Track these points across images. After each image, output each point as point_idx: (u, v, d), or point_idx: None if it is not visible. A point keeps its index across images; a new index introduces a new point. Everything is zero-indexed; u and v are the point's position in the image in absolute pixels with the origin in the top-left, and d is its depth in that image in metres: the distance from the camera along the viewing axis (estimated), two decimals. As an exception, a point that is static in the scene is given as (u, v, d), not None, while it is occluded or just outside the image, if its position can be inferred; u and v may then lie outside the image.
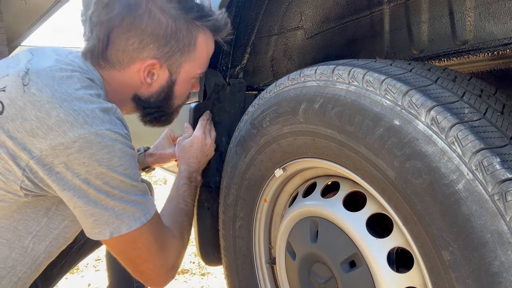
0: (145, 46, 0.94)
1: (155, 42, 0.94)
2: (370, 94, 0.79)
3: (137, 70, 0.97)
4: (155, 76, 1.00)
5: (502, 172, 0.61)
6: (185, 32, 0.98)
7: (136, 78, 0.99)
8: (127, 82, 0.99)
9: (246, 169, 1.16)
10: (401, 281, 0.80)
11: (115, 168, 0.83)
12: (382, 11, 1.16)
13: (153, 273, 0.95)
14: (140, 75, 0.98)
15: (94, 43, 0.94)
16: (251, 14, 1.32)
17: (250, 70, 1.46)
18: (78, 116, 0.80)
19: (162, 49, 0.96)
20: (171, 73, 1.02)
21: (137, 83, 1.00)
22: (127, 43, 0.93)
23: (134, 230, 0.88)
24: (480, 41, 0.94)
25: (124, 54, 0.95)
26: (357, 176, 0.84)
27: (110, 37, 0.93)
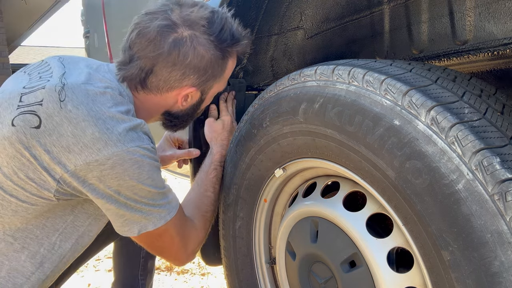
0: (186, 77, 1.02)
1: (196, 74, 1.02)
2: (370, 94, 0.79)
3: (175, 95, 1.05)
4: (189, 99, 1.09)
5: (502, 172, 0.61)
6: (221, 61, 1.05)
7: (172, 101, 1.08)
8: (162, 104, 1.08)
9: (246, 169, 1.16)
10: (401, 281, 0.80)
11: (144, 181, 0.91)
12: (382, 11, 1.16)
13: (175, 258, 1.12)
14: (177, 98, 1.07)
15: (134, 72, 1.00)
16: (251, 14, 1.32)
17: (250, 70, 1.46)
18: (111, 135, 0.87)
19: (201, 78, 1.04)
20: (202, 94, 1.11)
21: (171, 104, 1.09)
22: (170, 74, 1.00)
23: (159, 227, 0.97)
24: (480, 41, 0.94)
25: (165, 83, 1.02)
26: (357, 176, 0.84)
27: (153, 69, 0.99)
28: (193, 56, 0.98)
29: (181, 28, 0.97)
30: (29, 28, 8.18)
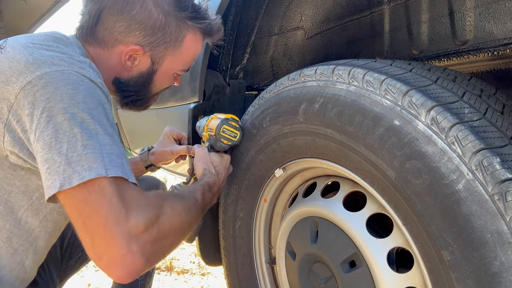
0: (132, 32, 0.97)
1: (142, 31, 0.97)
2: (370, 94, 0.79)
3: (120, 52, 0.99)
4: (136, 61, 1.02)
5: (502, 172, 0.61)
6: (174, 28, 1.01)
7: (117, 60, 1.01)
8: (109, 62, 1.01)
9: (246, 169, 1.16)
10: (401, 281, 0.80)
11: (78, 104, 0.77)
12: (382, 11, 1.16)
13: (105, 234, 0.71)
14: (121, 57, 1.00)
15: (85, 19, 0.98)
16: (251, 14, 1.32)
17: (250, 70, 1.46)
18: (46, 59, 0.81)
19: (148, 39, 0.98)
20: (153, 62, 1.04)
21: (118, 65, 1.02)
22: (115, 24, 0.96)
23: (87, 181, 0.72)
24: (480, 41, 0.94)
25: (110, 34, 0.97)
26: (357, 176, 0.84)
27: (100, 15, 0.96)
28: (140, 9, 0.95)
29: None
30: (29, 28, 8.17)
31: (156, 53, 1.02)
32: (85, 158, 0.74)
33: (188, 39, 1.04)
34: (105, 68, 1.01)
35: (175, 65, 1.07)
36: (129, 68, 1.03)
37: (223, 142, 1.14)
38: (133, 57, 1.01)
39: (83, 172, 0.73)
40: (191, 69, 1.30)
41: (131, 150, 2.28)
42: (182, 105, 1.41)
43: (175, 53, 1.04)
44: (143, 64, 1.03)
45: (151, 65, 1.04)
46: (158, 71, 1.06)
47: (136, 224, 0.73)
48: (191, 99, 1.34)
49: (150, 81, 1.08)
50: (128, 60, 1.01)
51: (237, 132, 1.15)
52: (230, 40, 1.33)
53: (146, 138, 1.99)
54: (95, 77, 0.85)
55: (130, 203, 0.75)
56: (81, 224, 0.74)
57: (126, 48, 0.98)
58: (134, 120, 2.02)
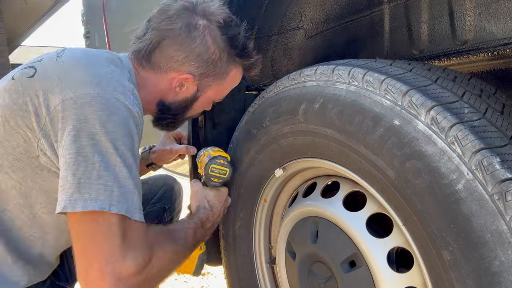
0: (187, 62, 1.03)
1: (197, 62, 1.03)
2: (370, 94, 0.79)
3: (172, 78, 1.05)
4: (184, 88, 1.08)
5: (502, 172, 0.61)
6: (225, 64, 1.08)
7: (168, 85, 1.07)
8: (159, 85, 1.07)
9: (246, 169, 1.16)
10: (401, 281, 0.80)
11: (107, 133, 0.79)
12: (382, 11, 1.16)
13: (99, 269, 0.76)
14: (172, 82, 1.06)
15: (144, 44, 1.03)
16: (251, 14, 1.32)
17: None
18: (94, 78, 0.85)
19: (200, 70, 1.05)
20: (198, 90, 1.10)
21: (166, 89, 1.08)
22: (174, 53, 1.02)
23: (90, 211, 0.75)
24: (480, 41, 0.94)
25: (167, 61, 1.03)
26: (357, 176, 0.84)
27: (161, 43, 1.02)
28: (200, 42, 1.01)
29: (199, 16, 1.01)
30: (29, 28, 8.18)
31: (204, 82, 1.08)
32: (95, 187, 0.77)
33: (233, 73, 1.11)
34: (153, 90, 1.08)
35: (216, 94, 1.14)
36: (176, 93, 1.08)
37: (213, 181, 1.16)
38: (182, 83, 1.07)
39: (88, 200, 0.77)
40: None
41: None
42: (182, 105, 1.41)
43: (219, 84, 1.11)
44: (189, 91, 1.09)
45: (195, 92, 1.10)
46: (200, 98, 1.12)
47: (129, 268, 0.78)
48: (191, 99, 1.34)
49: (191, 106, 1.14)
50: (177, 86, 1.07)
51: (226, 169, 1.16)
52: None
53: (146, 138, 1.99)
54: (133, 105, 0.88)
55: (128, 245, 0.79)
56: (79, 248, 0.80)
57: (179, 76, 1.04)
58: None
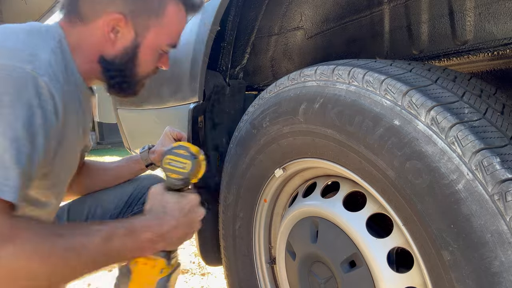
0: (112, 0, 0.95)
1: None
2: (370, 94, 0.79)
3: (102, 24, 0.96)
4: (119, 34, 0.98)
5: (502, 172, 0.61)
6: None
7: (100, 35, 0.97)
8: (93, 39, 0.98)
9: (246, 169, 1.16)
10: (401, 281, 0.80)
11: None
12: (382, 11, 1.16)
13: None
14: (104, 30, 0.97)
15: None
16: (251, 14, 1.32)
17: (250, 70, 1.46)
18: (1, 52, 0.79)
19: (129, 6, 0.96)
20: (137, 34, 0.99)
21: (102, 40, 0.98)
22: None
23: None
24: (480, 41, 0.94)
25: (92, 6, 0.95)
26: (357, 176, 0.84)
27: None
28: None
29: None
30: (29, 28, 8.16)
31: (139, 22, 0.98)
32: None
33: (170, 9, 1.01)
34: (89, 47, 0.99)
35: (160, 37, 1.03)
36: (113, 42, 0.98)
37: (170, 177, 0.92)
38: (116, 29, 0.97)
39: None
40: (191, 69, 1.30)
41: (131, 150, 2.28)
42: (182, 105, 1.41)
43: (159, 24, 1.00)
44: (126, 37, 0.99)
45: (134, 38, 0.99)
46: (142, 45, 1.01)
47: None
48: (191, 99, 1.34)
49: (135, 57, 1.02)
50: (111, 32, 0.97)
51: (185, 161, 0.91)
52: (230, 40, 1.33)
53: (146, 138, 1.99)
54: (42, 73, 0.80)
55: None
56: None
57: (107, 18, 0.95)
58: (134, 120, 2.02)
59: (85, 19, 0.96)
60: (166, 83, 1.51)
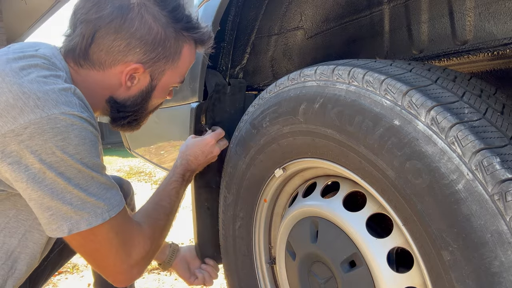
0: (132, 50, 0.92)
1: (143, 47, 0.93)
2: (370, 94, 0.79)
3: (119, 72, 0.95)
4: (135, 80, 0.98)
5: (502, 172, 0.61)
6: (173, 41, 0.98)
7: (116, 80, 0.96)
8: (105, 83, 0.97)
9: (246, 169, 1.16)
10: (401, 281, 0.80)
11: (71, 155, 0.77)
12: (382, 11, 1.16)
13: (114, 269, 0.90)
14: (121, 77, 0.96)
15: (76, 41, 0.92)
16: (251, 14, 1.32)
17: (250, 70, 1.46)
18: (28, 99, 0.75)
19: (148, 55, 0.94)
20: (152, 79, 1.00)
21: (116, 85, 0.98)
22: (113, 44, 0.91)
23: (95, 227, 0.82)
24: (480, 41, 0.94)
25: (108, 55, 0.92)
26: (357, 176, 0.84)
27: (95, 36, 0.90)
28: (139, 24, 0.90)
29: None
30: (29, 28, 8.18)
31: (156, 68, 0.98)
32: (89, 205, 0.82)
33: (185, 50, 1.02)
34: (99, 89, 0.97)
35: (173, 78, 1.04)
36: (128, 88, 0.99)
37: None
38: (133, 76, 0.97)
39: (89, 218, 0.82)
40: (191, 69, 1.30)
41: (131, 150, 2.28)
42: (183, 105, 1.41)
43: (174, 67, 1.01)
44: (142, 83, 0.99)
45: (150, 82, 1.00)
46: (157, 87, 1.03)
47: (137, 260, 0.92)
48: (192, 99, 1.34)
49: (149, 98, 1.04)
50: (128, 80, 0.97)
51: None
52: (230, 40, 1.32)
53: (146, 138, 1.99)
54: (82, 111, 0.81)
55: (131, 245, 0.91)
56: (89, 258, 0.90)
57: (126, 68, 0.94)
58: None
59: (98, 65, 0.94)
60: (166, 83, 1.51)
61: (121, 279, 0.92)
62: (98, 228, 0.83)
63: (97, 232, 0.84)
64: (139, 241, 0.93)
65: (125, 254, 0.89)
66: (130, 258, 0.90)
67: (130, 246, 0.91)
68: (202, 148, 1.23)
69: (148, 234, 0.96)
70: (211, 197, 1.36)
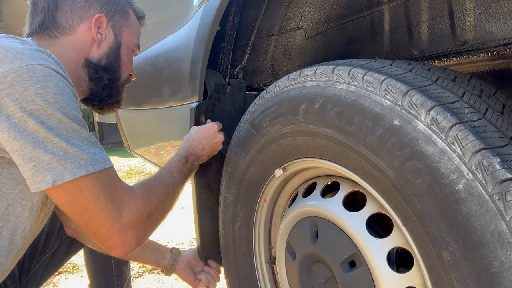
0: (91, 4, 1.04)
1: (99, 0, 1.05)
2: (370, 94, 0.79)
3: (87, 28, 1.04)
4: (103, 36, 1.07)
5: (502, 172, 0.61)
6: None
7: (87, 37, 1.04)
8: (78, 44, 1.04)
9: (246, 169, 1.16)
10: (401, 281, 0.80)
11: (51, 104, 0.79)
12: (382, 11, 1.16)
13: (106, 230, 0.84)
14: (92, 31, 1.04)
15: (43, 14, 1.01)
16: (251, 14, 1.32)
17: (250, 70, 1.46)
18: (7, 53, 0.80)
19: (105, 7, 1.06)
20: (116, 34, 1.10)
21: (88, 43, 1.05)
22: (74, 2, 1.02)
23: (79, 177, 0.80)
24: (480, 41, 0.94)
25: (73, 14, 1.02)
26: (357, 176, 0.84)
27: (57, 2, 1.01)
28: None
29: None
30: (29, 28, 8.17)
31: (115, 23, 1.09)
32: (72, 156, 0.80)
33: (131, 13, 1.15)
34: (75, 54, 1.04)
35: (132, 37, 1.15)
36: (99, 42, 1.06)
37: None
38: (99, 30, 1.05)
39: (73, 169, 0.80)
40: (191, 69, 1.30)
41: (131, 150, 2.28)
42: (182, 105, 1.41)
43: (128, 24, 1.13)
44: (109, 38, 1.08)
45: (115, 38, 1.10)
46: (122, 45, 1.12)
47: (129, 219, 0.87)
48: (191, 99, 1.34)
49: (119, 57, 1.12)
50: (97, 33, 1.05)
51: None
52: (230, 40, 1.32)
53: (146, 138, 1.99)
54: (58, 68, 0.85)
55: (120, 202, 0.86)
56: (79, 218, 0.85)
57: (92, 19, 1.03)
58: (134, 120, 2.02)
59: (68, 28, 1.03)
60: (166, 83, 1.51)
61: (115, 242, 0.86)
62: (82, 180, 0.81)
63: (82, 185, 0.81)
64: (129, 200, 0.88)
65: (115, 211, 0.84)
66: (121, 217, 0.85)
67: (120, 203, 0.86)
68: (205, 133, 1.24)
69: (139, 195, 0.92)
70: (212, 197, 1.36)
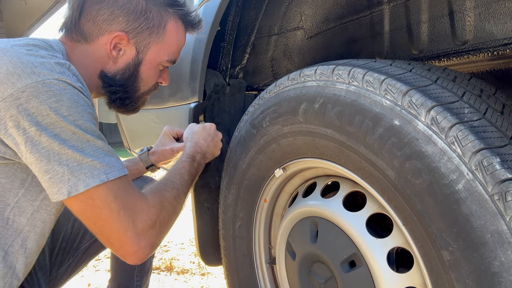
0: (115, 19, 0.98)
1: (125, 16, 0.99)
2: (370, 94, 0.79)
3: (105, 42, 1.00)
4: (121, 52, 1.03)
5: (502, 172, 0.61)
6: (155, 13, 1.03)
7: (104, 52, 1.01)
8: (96, 55, 1.02)
9: (246, 169, 1.16)
10: (401, 281, 0.80)
11: (65, 117, 0.81)
12: (382, 11, 1.16)
13: (119, 238, 0.86)
14: (107, 47, 1.01)
15: (68, 15, 1.00)
16: (251, 14, 1.32)
17: (250, 70, 1.46)
18: (26, 68, 0.81)
19: (131, 24, 1.00)
20: (138, 51, 1.04)
21: (104, 57, 1.02)
22: (98, 13, 0.98)
23: (92, 187, 0.82)
24: (480, 41, 0.94)
25: (94, 25, 0.99)
26: (357, 176, 0.84)
27: (83, 7, 0.98)
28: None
29: None
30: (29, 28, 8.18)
31: (140, 40, 1.03)
32: (86, 166, 0.82)
33: (171, 26, 1.06)
34: (91, 63, 1.02)
35: (160, 54, 1.07)
36: (115, 59, 1.03)
37: None
38: (118, 47, 1.02)
39: (86, 179, 0.82)
40: (191, 70, 1.30)
41: (131, 150, 2.28)
42: (182, 105, 1.41)
43: (159, 41, 1.05)
44: (128, 54, 1.04)
45: (136, 55, 1.04)
46: (143, 61, 1.06)
47: (142, 228, 0.88)
48: (191, 99, 1.34)
49: (137, 73, 1.07)
50: (114, 49, 1.01)
51: None
52: (230, 40, 1.33)
53: (146, 138, 1.99)
54: (75, 81, 0.86)
55: (133, 211, 0.87)
56: (93, 226, 0.87)
57: (110, 36, 0.99)
58: (134, 120, 2.02)
59: (88, 37, 1.00)
60: (166, 83, 1.51)
61: (129, 250, 0.87)
62: (95, 190, 0.82)
63: (95, 195, 0.83)
64: (142, 208, 0.89)
65: (128, 220, 0.86)
66: (135, 226, 0.86)
67: (133, 212, 0.87)
68: (208, 130, 1.24)
69: (152, 203, 0.92)
70: (211, 197, 1.36)
